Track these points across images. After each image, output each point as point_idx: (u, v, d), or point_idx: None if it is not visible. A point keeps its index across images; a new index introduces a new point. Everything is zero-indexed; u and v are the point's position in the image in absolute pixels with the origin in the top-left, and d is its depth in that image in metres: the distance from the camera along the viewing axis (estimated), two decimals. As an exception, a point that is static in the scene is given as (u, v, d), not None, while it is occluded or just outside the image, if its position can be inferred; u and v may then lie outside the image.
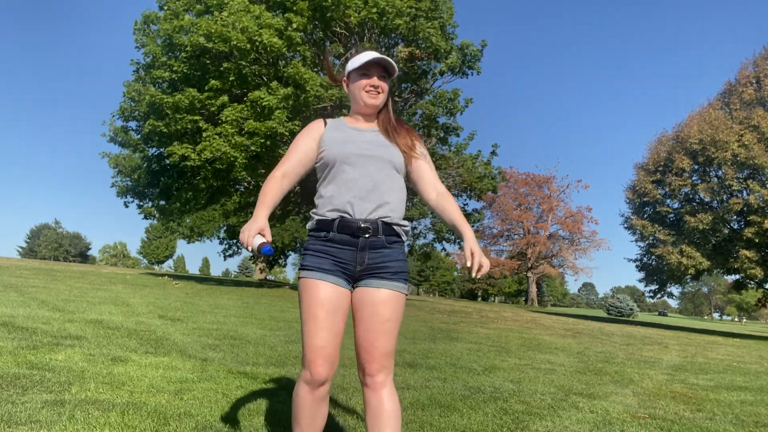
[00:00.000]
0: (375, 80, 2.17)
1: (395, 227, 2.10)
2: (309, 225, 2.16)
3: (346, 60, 2.20)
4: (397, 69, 2.20)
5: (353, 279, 2.10)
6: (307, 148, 2.18)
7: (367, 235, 2.05)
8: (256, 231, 1.99)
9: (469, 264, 2.01)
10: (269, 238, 2.01)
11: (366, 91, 2.18)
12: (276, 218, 25.14)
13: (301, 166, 2.18)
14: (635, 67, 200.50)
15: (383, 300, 2.05)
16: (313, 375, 2.02)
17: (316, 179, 2.22)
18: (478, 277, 2.00)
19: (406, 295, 2.12)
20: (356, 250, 2.06)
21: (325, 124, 2.23)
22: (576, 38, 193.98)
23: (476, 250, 2.01)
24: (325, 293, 2.03)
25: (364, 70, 2.18)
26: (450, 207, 2.15)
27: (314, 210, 2.14)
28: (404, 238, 2.13)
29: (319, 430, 2.14)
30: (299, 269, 2.15)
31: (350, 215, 2.05)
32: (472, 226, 25.53)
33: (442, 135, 20.89)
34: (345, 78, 2.25)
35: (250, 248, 2.00)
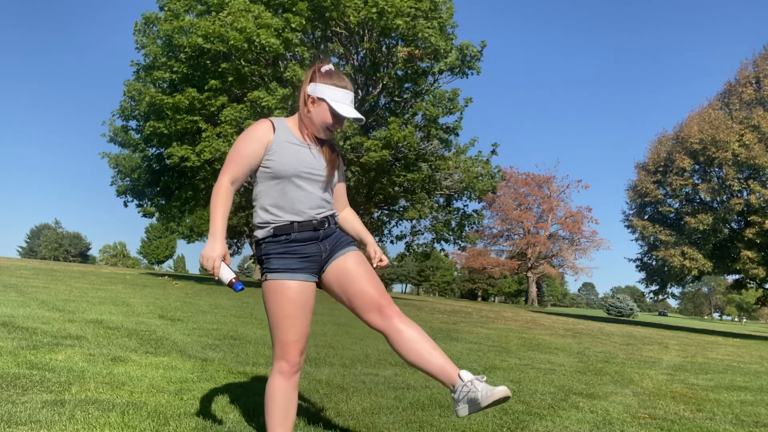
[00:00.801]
0: (340, 125, 2.27)
1: (336, 218, 2.38)
2: (262, 233, 2.21)
3: (319, 71, 2.14)
4: (364, 121, 2.39)
5: (320, 267, 2.27)
6: (255, 154, 2.19)
7: (326, 226, 2.26)
8: (221, 259, 2.11)
9: (373, 256, 2.42)
10: (229, 261, 2.16)
11: (328, 128, 2.26)
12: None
13: (250, 170, 2.23)
14: (635, 67, 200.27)
15: (355, 258, 2.28)
16: (288, 363, 2.18)
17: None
18: (382, 266, 2.39)
19: None
20: (318, 242, 2.24)
21: (273, 129, 2.22)
22: (576, 38, 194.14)
23: (378, 249, 2.45)
24: (295, 291, 2.17)
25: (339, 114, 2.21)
26: (354, 219, 2.52)
27: (264, 220, 2.21)
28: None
29: (291, 422, 2.23)
30: (265, 272, 2.21)
31: (306, 219, 2.22)
32: (472, 227, 25.68)
33: (444, 136, 20.85)
34: (313, 96, 2.22)
35: (217, 278, 2.12)
